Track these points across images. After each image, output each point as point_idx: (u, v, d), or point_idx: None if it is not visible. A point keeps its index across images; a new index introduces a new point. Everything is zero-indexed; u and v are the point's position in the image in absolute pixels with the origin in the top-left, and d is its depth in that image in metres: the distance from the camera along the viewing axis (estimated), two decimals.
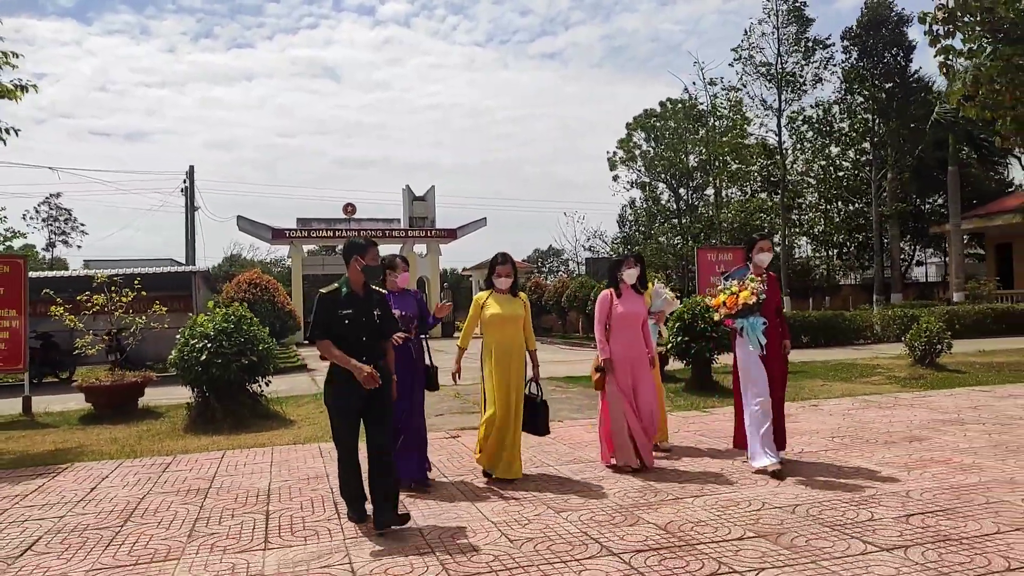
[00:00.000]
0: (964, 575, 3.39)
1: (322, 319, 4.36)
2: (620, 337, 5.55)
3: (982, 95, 14.28)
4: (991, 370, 11.93)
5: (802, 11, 25.30)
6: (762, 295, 5.36)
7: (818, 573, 3.47)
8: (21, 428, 9.20)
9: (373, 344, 4.38)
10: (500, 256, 5.49)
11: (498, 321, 5.36)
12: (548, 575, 3.59)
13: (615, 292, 5.64)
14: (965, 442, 6.30)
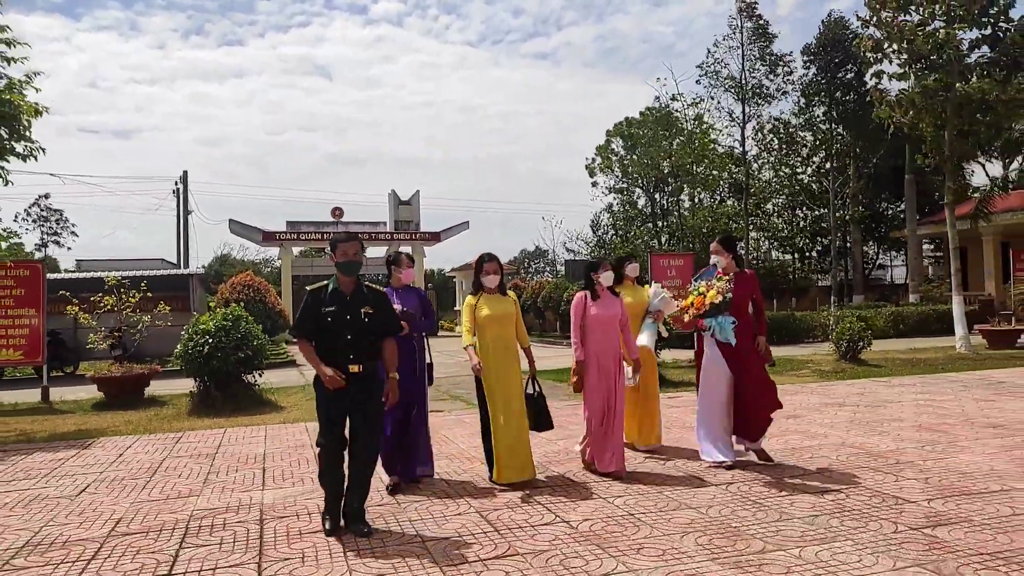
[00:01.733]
0: (766, 494, 4.80)
1: (305, 317, 4.32)
2: (594, 339, 5.52)
3: (909, 117, 15.82)
4: (905, 364, 13.41)
5: (765, 28, 26.88)
6: (728, 294, 5.48)
7: (669, 501, 4.87)
8: (43, 414, 10.48)
9: (361, 343, 4.28)
10: (486, 255, 5.52)
11: (491, 322, 5.33)
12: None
13: (591, 294, 5.63)
14: (830, 419, 7.75)
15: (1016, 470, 5.31)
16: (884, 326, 21.47)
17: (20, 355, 11.60)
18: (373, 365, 4.33)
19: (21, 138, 9.83)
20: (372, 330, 4.34)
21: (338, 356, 4.22)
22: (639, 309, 6.27)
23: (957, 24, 15.20)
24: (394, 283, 5.56)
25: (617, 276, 6.07)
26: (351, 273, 4.37)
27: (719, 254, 5.78)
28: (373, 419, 4.35)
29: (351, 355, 4.23)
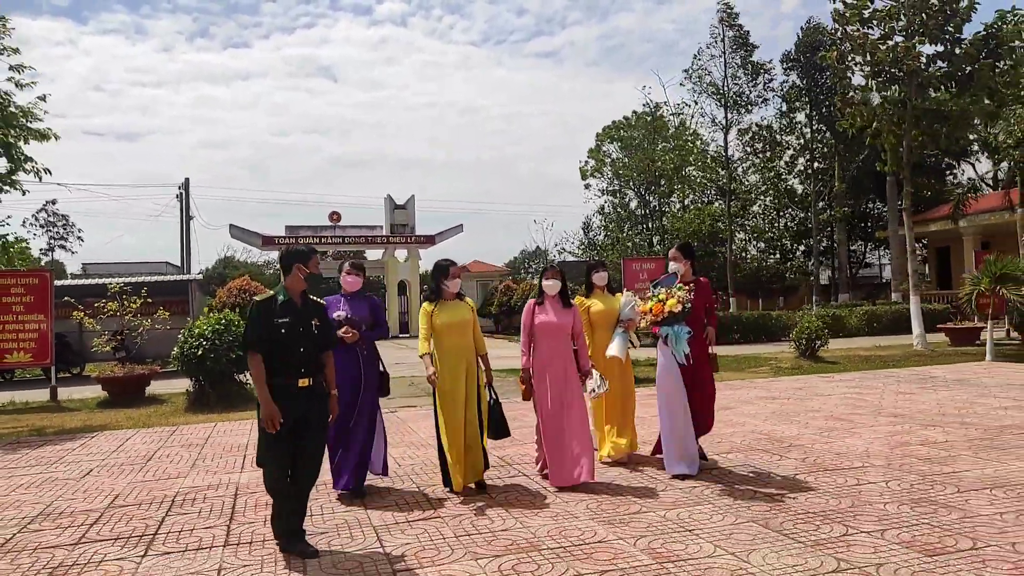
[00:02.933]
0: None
1: (256, 329, 4.09)
2: (542, 347, 5.42)
3: (872, 128, 16.66)
4: (861, 361, 14.23)
5: (746, 38, 27.71)
6: (687, 304, 5.39)
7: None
8: (52, 411, 11.40)
9: (312, 356, 4.17)
10: (447, 261, 5.45)
11: (447, 329, 5.24)
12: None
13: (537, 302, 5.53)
14: (756, 411, 8.60)
15: (884, 450, 6.16)
16: (858, 324, 22.28)
17: (30, 357, 12.55)
18: (322, 378, 4.23)
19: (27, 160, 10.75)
20: (319, 343, 4.22)
21: (290, 370, 4.06)
22: (611, 317, 6.05)
23: (916, 39, 16.02)
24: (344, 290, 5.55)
25: (587, 285, 6.16)
26: (317, 286, 4.29)
27: (677, 260, 5.78)
28: (320, 436, 4.24)
29: (303, 369, 4.10)
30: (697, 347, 5.58)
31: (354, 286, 5.55)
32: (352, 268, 5.60)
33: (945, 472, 5.39)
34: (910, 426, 7.25)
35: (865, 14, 16.38)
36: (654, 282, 5.88)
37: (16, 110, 10.72)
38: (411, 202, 34.83)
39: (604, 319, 6.06)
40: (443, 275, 5.40)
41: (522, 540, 4.21)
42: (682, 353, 5.46)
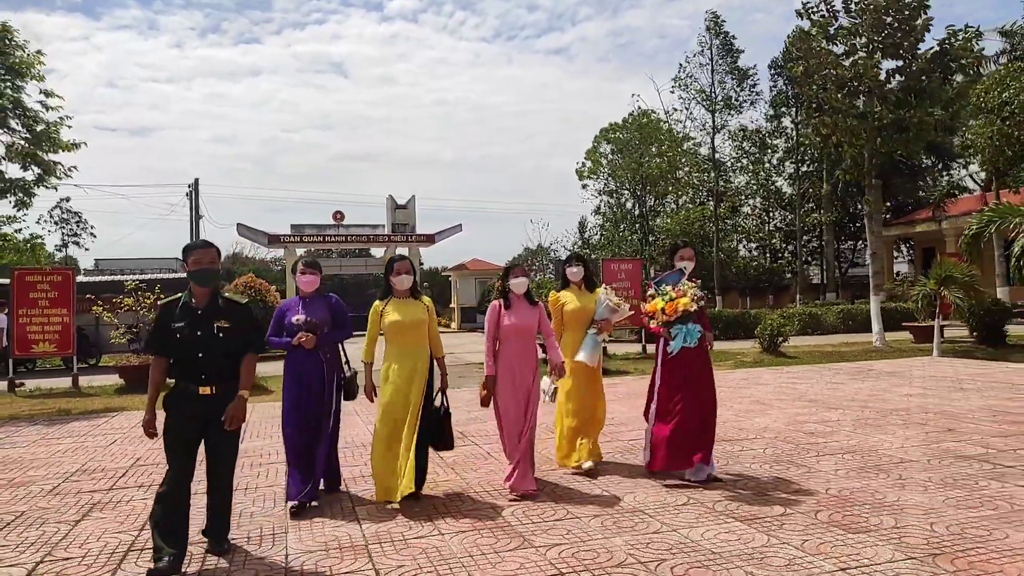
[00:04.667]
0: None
1: (154, 332, 3.95)
2: (508, 350, 5.16)
3: (834, 139, 17.76)
4: (819, 355, 15.33)
5: (732, 44, 28.79)
6: (701, 302, 5.26)
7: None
8: (74, 396, 12.66)
9: (214, 362, 3.86)
10: (398, 256, 5.23)
11: (398, 328, 4.96)
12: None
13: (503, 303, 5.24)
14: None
15: (780, 427, 7.31)
16: (835, 322, 23.36)
17: (54, 348, 13.80)
18: (230, 387, 3.89)
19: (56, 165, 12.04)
20: (227, 347, 3.89)
21: (189, 376, 3.85)
22: (586, 316, 5.70)
23: (877, 55, 17.08)
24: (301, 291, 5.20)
25: (563, 278, 5.90)
26: (204, 284, 3.91)
27: (690, 259, 5.55)
28: (229, 446, 4.00)
29: (202, 375, 3.84)
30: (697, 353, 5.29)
31: (310, 286, 5.14)
32: (307, 267, 5.15)
33: (818, 443, 6.54)
34: (816, 409, 8.39)
35: (831, 31, 17.46)
36: (656, 280, 5.56)
37: (45, 128, 11.97)
38: (412, 202, 36.02)
39: (578, 318, 5.68)
40: (389, 272, 5.13)
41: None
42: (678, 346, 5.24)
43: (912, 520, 4.30)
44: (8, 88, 11.57)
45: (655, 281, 5.60)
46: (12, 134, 11.92)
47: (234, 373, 3.95)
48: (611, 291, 5.91)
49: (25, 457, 7.21)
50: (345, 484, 5.53)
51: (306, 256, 5.49)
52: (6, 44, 11.70)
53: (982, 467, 5.52)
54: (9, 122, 11.91)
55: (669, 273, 5.59)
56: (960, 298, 14.43)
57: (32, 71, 12.06)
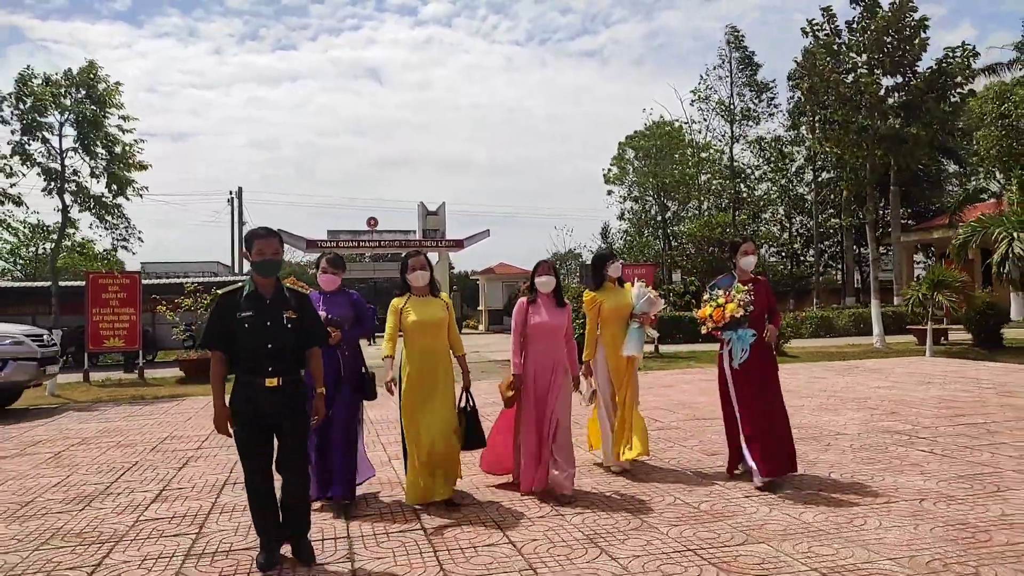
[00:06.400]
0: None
1: (214, 325, 3.77)
2: (535, 350, 5.08)
3: (838, 150, 18.83)
4: (818, 356, 16.39)
5: (751, 58, 29.84)
6: (749, 307, 5.14)
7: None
8: (141, 386, 14.34)
9: (283, 353, 3.75)
10: (412, 252, 5.13)
11: (419, 327, 4.84)
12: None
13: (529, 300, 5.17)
14: (690, 388, 10.99)
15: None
16: (846, 325, 24.29)
17: (122, 343, 15.51)
18: (296, 378, 3.81)
19: (129, 185, 13.75)
20: (295, 339, 3.79)
21: (256, 368, 3.68)
22: (624, 313, 5.67)
23: (877, 71, 18.12)
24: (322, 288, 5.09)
25: (596, 278, 5.77)
26: (268, 274, 3.80)
27: (753, 254, 5.47)
28: (298, 439, 3.83)
29: (270, 367, 3.69)
30: (759, 355, 5.22)
31: (331, 284, 5.07)
32: (329, 264, 5.08)
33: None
34: (788, 398, 9.51)
35: (835, 47, 18.54)
36: (711, 284, 5.55)
37: (122, 150, 13.70)
38: (442, 208, 37.65)
39: (617, 314, 5.64)
40: (404, 269, 5.03)
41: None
42: (739, 358, 5.18)
43: (819, 470, 5.57)
44: (93, 116, 13.31)
45: (710, 286, 5.56)
46: (95, 156, 13.69)
47: (297, 366, 3.84)
48: (644, 284, 5.90)
49: (122, 428, 8.80)
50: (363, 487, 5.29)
51: (330, 254, 5.21)
52: (92, 78, 13.45)
53: (899, 438, 6.74)
54: (94, 146, 13.66)
55: (723, 277, 5.57)
56: (953, 301, 15.37)
57: (112, 100, 13.80)
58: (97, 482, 5.95)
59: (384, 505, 5.04)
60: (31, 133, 13.77)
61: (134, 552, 4.17)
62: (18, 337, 10.30)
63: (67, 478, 6.14)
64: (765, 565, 3.67)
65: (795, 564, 3.66)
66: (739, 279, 5.42)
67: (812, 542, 3.97)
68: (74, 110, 13.81)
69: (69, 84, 13.68)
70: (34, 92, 13.40)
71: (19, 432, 8.73)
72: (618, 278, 5.86)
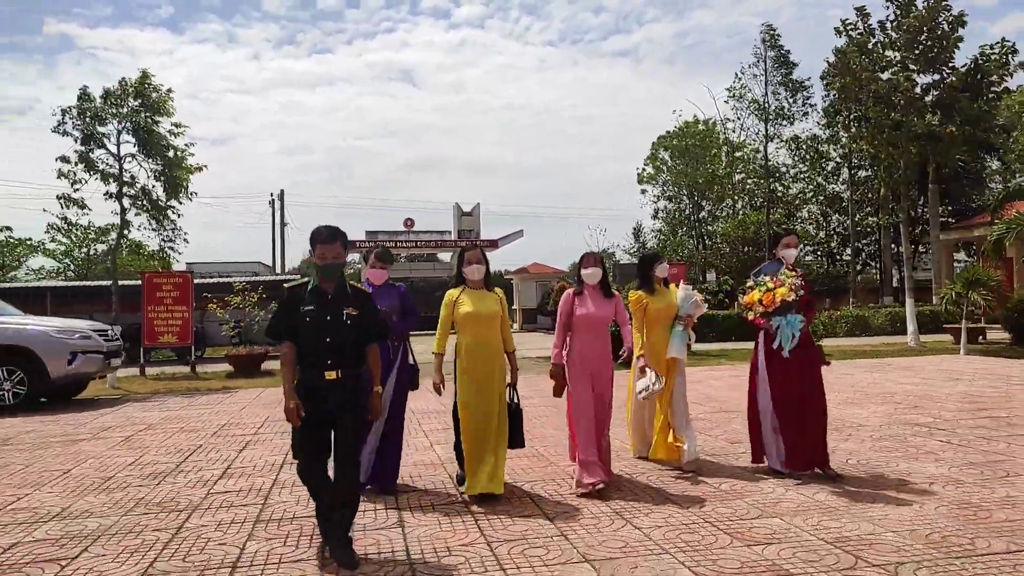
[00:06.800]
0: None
1: (281, 317, 3.92)
2: (581, 340, 5.11)
3: (873, 147, 18.84)
4: (851, 354, 16.46)
5: (787, 57, 29.79)
6: (800, 291, 5.10)
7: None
8: (193, 379, 15.10)
9: (342, 347, 3.84)
10: (468, 245, 5.08)
11: (473, 320, 4.87)
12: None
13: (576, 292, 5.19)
14: (718, 383, 11.28)
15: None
16: (882, 324, 24.17)
17: (175, 339, 16.33)
18: (354, 373, 3.89)
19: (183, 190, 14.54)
20: (354, 334, 3.89)
21: (315, 361, 3.80)
22: (670, 312, 5.68)
23: (913, 68, 18.09)
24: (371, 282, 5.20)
25: (644, 278, 5.78)
26: (331, 276, 3.93)
27: (795, 247, 5.46)
28: (353, 434, 3.89)
29: (329, 361, 3.79)
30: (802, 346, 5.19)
31: (379, 278, 5.21)
32: (378, 259, 5.23)
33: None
34: None
35: (868, 47, 18.56)
36: (755, 271, 5.54)
37: (175, 155, 14.50)
38: (476, 209, 38.24)
39: (663, 315, 5.67)
40: (461, 262, 5.06)
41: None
42: (790, 341, 5.13)
43: (838, 458, 5.88)
44: (147, 123, 14.15)
45: (754, 272, 5.53)
46: (150, 160, 14.53)
47: (357, 361, 3.92)
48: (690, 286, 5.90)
49: (182, 415, 9.46)
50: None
51: (380, 249, 5.36)
52: (146, 87, 14.27)
53: (919, 430, 6.99)
54: (149, 152, 14.50)
55: (768, 263, 5.55)
56: (988, 300, 15.34)
57: (165, 107, 14.61)
58: (167, 461, 6.54)
59: (425, 482, 5.47)
60: (91, 143, 14.65)
61: (209, 518, 4.71)
62: (86, 332, 11.06)
63: (140, 458, 6.75)
64: (776, 535, 4.03)
65: (803, 535, 4.02)
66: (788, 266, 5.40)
67: (822, 517, 4.32)
68: (130, 118, 14.64)
69: (125, 94, 14.51)
70: (94, 106, 14.29)
71: (90, 419, 9.44)
72: (664, 279, 5.87)
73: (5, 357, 10.31)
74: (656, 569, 3.58)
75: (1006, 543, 3.79)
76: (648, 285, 5.74)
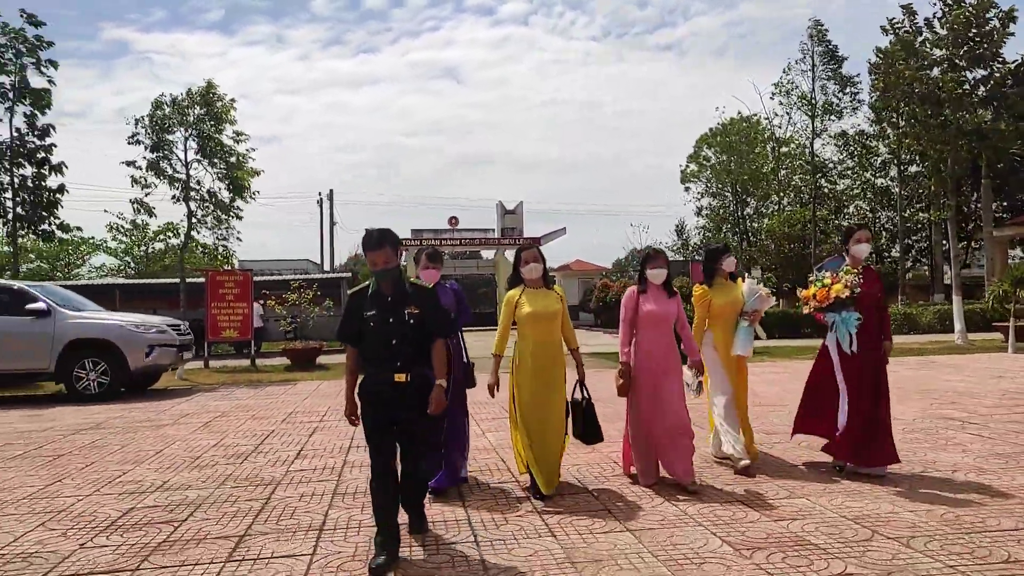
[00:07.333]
0: None
1: (346, 322, 3.96)
2: (646, 338, 5.08)
3: (917, 146, 18.76)
4: (895, 352, 16.27)
5: (835, 52, 29.55)
6: (856, 289, 5.05)
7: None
8: (253, 372, 15.97)
9: (407, 348, 3.83)
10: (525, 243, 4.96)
11: (533, 319, 4.88)
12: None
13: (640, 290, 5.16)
14: (760, 379, 11.56)
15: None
16: (931, 322, 23.96)
17: (236, 334, 17.25)
18: (423, 373, 3.87)
19: (245, 191, 15.42)
20: (418, 333, 3.87)
21: (382, 365, 3.81)
22: (735, 308, 5.57)
23: (960, 64, 17.95)
24: None
25: (709, 272, 5.69)
26: (385, 280, 3.90)
27: (868, 241, 5.40)
28: (423, 435, 3.95)
29: (397, 363, 3.80)
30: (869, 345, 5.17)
31: (432, 278, 5.07)
32: (429, 260, 5.16)
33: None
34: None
35: (914, 45, 18.47)
36: (818, 266, 5.50)
37: (236, 159, 15.39)
38: (519, 207, 38.79)
39: (728, 310, 5.56)
40: (518, 262, 5.06)
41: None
42: (847, 340, 5.13)
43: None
44: (212, 130, 15.08)
45: (816, 268, 5.53)
46: (215, 166, 15.47)
47: (423, 360, 3.88)
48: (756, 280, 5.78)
49: (251, 404, 10.21)
50: None
51: (429, 248, 5.27)
52: (211, 97, 15.18)
53: (952, 423, 7.26)
54: (214, 157, 15.44)
55: (831, 259, 5.57)
56: None
57: (228, 116, 15.52)
58: (246, 444, 7.22)
59: (479, 464, 5.96)
60: (161, 149, 15.65)
61: (292, 491, 5.32)
62: (161, 327, 11.93)
63: (221, 440, 7.45)
64: (801, 512, 4.44)
65: (826, 512, 4.42)
66: (849, 263, 5.36)
67: (845, 498, 4.71)
68: (196, 126, 15.58)
69: (190, 103, 15.47)
70: (164, 115, 15.28)
71: (168, 407, 10.26)
72: (731, 273, 5.74)
73: (91, 350, 11.20)
74: (690, 538, 4.03)
75: (1015, 522, 4.14)
76: (712, 279, 5.64)
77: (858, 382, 5.16)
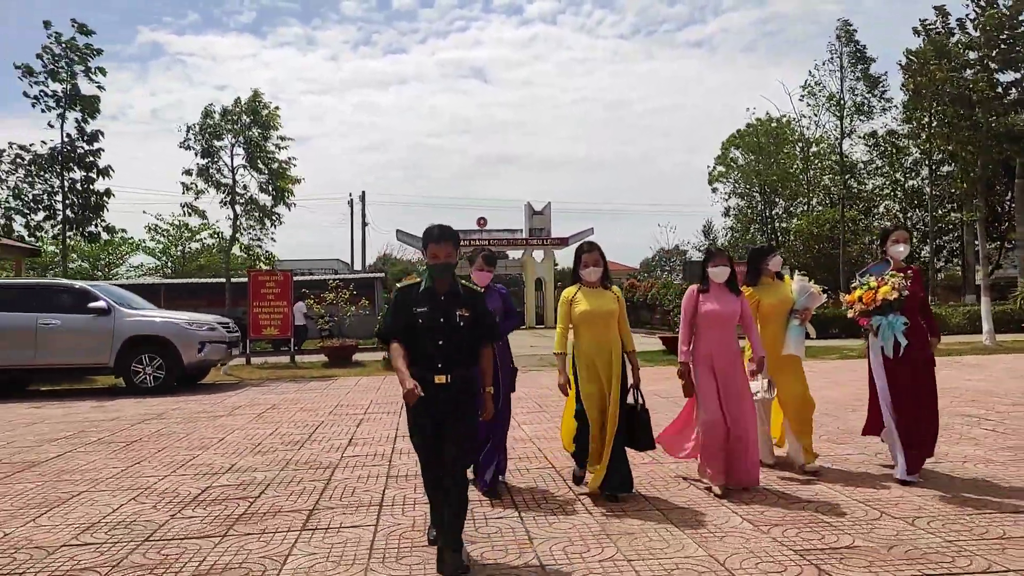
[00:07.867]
0: None
1: (395, 319, 3.83)
2: (707, 338, 5.00)
3: (950, 147, 18.85)
4: None
5: (863, 52, 29.53)
6: (904, 291, 4.94)
7: None
8: (293, 368, 16.64)
9: (453, 350, 3.73)
10: (586, 244, 5.02)
11: (589, 318, 4.83)
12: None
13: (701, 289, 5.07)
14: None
15: (842, 397, 9.44)
16: (960, 322, 23.90)
17: (277, 332, 17.96)
18: (466, 375, 3.80)
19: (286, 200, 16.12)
20: (467, 337, 3.81)
21: (426, 364, 3.72)
22: (784, 307, 5.45)
23: (993, 66, 18.00)
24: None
25: (753, 272, 5.53)
26: (443, 275, 3.83)
27: (905, 242, 5.28)
28: (462, 438, 3.79)
29: (439, 363, 3.71)
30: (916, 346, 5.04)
31: (485, 281, 5.08)
32: (484, 262, 5.18)
33: (858, 408, 8.69)
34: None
35: (946, 47, 18.55)
36: (861, 272, 5.42)
37: (279, 166, 16.08)
38: (547, 208, 39.27)
39: (777, 311, 5.44)
40: (577, 263, 5.02)
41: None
42: (891, 344, 5.01)
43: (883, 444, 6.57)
44: (258, 137, 15.80)
45: (859, 273, 5.42)
46: (260, 172, 16.19)
47: (468, 363, 3.81)
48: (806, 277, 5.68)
49: (297, 398, 10.81)
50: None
51: (486, 251, 5.28)
52: (258, 105, 15.89)
53: (968, 420, 7.57)
54: (258, 164, 16.15)
55: (874, 263, 5.46)
56: None
57: (273, 123, 16.21)
58: (300, 433, 7.79)
59: (519, 453, 6.45)
60: (210, 156, 16.43)
61: (349, 473, 5.85)
62: (212, 324, 12.62)
63: (276, 430, 8.03)
64: (818, 496, 4.85)
65: (840, 496, 4.82)
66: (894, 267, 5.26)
67: (858, 484, 5.11)
68: (242, 134, 16.31)
69: (239, 111, 16.21)
70: (215, 122, 16.06)
71: (221, 399, 10.92)
72: (778, 272, 5.59)
73: (148, 346, 11.91)
74: (714, 516, 4.47)
75: (1014, 505, 4.51)
76: (757, 279, 5.51)
77: (911, 382, 5.06)
